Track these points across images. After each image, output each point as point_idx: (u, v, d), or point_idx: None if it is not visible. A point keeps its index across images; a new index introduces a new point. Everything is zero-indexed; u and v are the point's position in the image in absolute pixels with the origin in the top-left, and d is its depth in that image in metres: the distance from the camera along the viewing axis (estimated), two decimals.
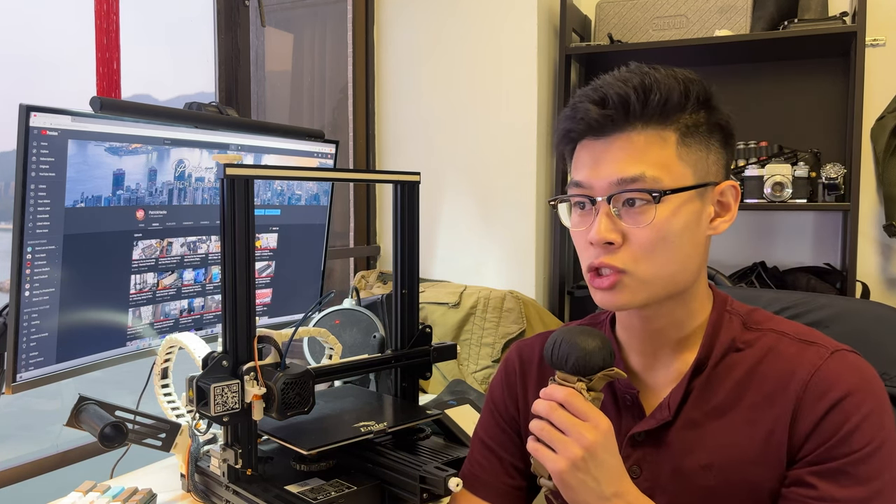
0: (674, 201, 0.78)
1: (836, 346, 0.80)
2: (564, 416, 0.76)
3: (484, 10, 2.30)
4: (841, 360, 0.79)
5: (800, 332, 0.83)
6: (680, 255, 0.80)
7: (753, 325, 0.85)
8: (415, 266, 1.21)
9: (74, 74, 1.81)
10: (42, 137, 1.06)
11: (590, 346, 0.78)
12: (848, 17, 2.03)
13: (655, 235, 0.78)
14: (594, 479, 0.75)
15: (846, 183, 2.01)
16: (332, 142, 1.61)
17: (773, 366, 0.81)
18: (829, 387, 0.76)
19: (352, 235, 2.46)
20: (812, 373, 0.77)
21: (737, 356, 0.83)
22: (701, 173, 0.80)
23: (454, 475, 0.98)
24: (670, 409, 0.83)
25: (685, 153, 0.79)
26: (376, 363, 1.19)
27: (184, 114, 1.31)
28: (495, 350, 2.01)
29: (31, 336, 1.09)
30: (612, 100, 0.79)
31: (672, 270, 0.80)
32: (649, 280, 0.79)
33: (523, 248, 2.29)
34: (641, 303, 0.81)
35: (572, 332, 0.80)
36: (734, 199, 0.83)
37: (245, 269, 0.97)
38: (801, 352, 0.80)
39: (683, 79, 0.80)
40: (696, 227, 0.80)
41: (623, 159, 0.79)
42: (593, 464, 0.75)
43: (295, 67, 2.69)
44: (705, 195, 0.81)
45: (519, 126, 2.27)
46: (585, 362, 0.78)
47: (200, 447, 1.08)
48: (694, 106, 0.80)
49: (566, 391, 0.77)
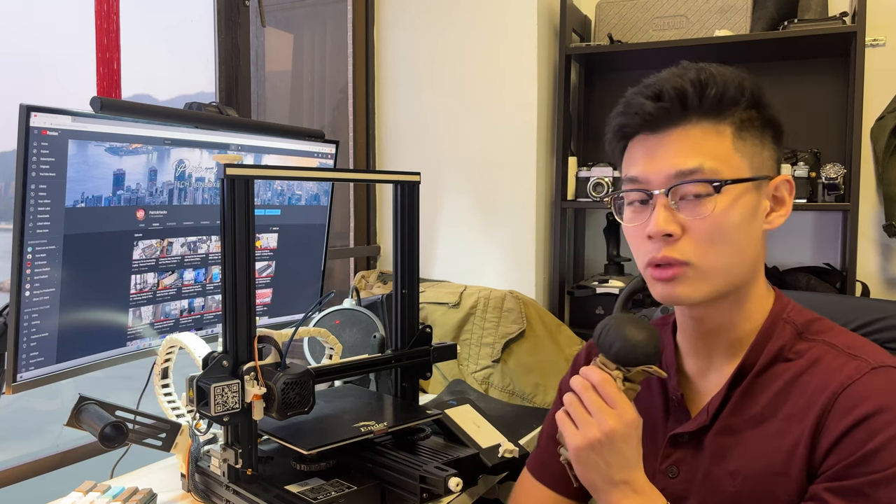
0: (732, 192, 0.78)
1: (880, 361, 0.76)
2: (594, 398, 0.78)
3: (484, 11, 2.30)
4: (881, 375, 0.75)
5: (851, 345, 0.79)
6: (738, 248, 0.79)
7: (809, 334, 0.82)
8: (415, 266, 1.21)
9: (75, 74, 1.81)
10: (42, 137, 1.06)
11: (636, 338, 0.78)
12: (848, 17, 2.03)
13: (716, 226, 0.78)
14: (606, 463, 0.78)
15: (846, 183, 2.01)
16: (332, 142, 1.61)
17: (814, 378, 0.78)
18: (857, 402, 0.73)
19: (352, 235, 2.46)
20: (844, 387, 0.75)
21: (784, 366, 0.81)
22: (757, 166, 0.80)
23: (454, 475, 0.98)
24: (709, 413, 0.83)
25: (741, 146, 0.80)
26: (376, 363, 1.19)
27: (184, 114, 1.31)
28: (495, 350, 2.01)
29: (31, 336, 1.09)
30: (669, 93, 0.79)
31: (731, 262, 0.79)
32: (710, 272, 0.79)
33: (523, 248, 2.29)
34: (703, 296, 0.80)
35: (625, 319, 0.80)
36: (789, 194, 0.83)
37: (245, 269, 0.97)
38: (842, 365, 0.77)
39: (737, 74, 0.80)
40: (752, 219, 0.80)
41: (681, 152, 0.79)
42: (609, 449, 0.77)
43: (295, 67, 2.69)
44: (761, 188, 0.81)
45: (519, 126, 2.27)
46: (628, 352, 0.78)
47: (200, 447, 1.08)
48: (748, 101, 0.80)
49: (602, 375, 0.79)
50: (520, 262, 2.29)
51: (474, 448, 1.16)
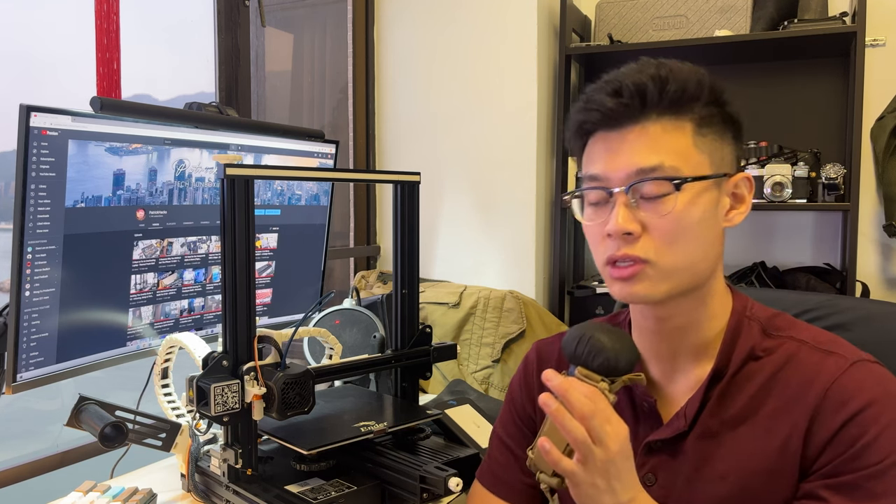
0: (693, 190, 0.77)
1: (856, 356, 0.78)
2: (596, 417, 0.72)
3: (484, 11, 2.30)
4: (861, 370, 0.76)
5: (819, 341, 0.80)
6: (699, 246, 0.78)
7: (774, 331, 0.82)
8: (415, 266, 1.21)
9: (75, 74, 1.81)
10: (42, 137, 1.06)
11: (619, 347, 0.76)
12: (848, 17, 2.03)
13: (676, 224, 0.77)
14: (611, 489, 0.73)
15: (846, 183, 2.01)
16: (332, 142, 1.61)
17: (793, 375, 0.79)
18: (848, 397, 0.74)
19: (352, 235, 2.46)
20: (831, 382, 0.75)
21: (755, 365, 0.81)
22: (717, 163, 0.79)
23: (454, 475, 0.98)
24: (686, 418, 0.81)
25: (701, 143, 0.79)
26: (376, 363, 1.19)
27: (184, 114, 1.31)
28: (495, 350, 2.01)
29: (31, 336, 1.09)
30: (629, 89, 0.77)
31: (692, 260, 0.78)
32: (671, 271, 0.78)
33: (523, 248, 2.29)
34: (662, 295, 0.78)
35: (600, 328, 0.77)
36: (748, 191, 0.82)
37: (245, 269, 0.97)
38: (821, 361, 0.78)
39: (697, 70, 0.80)
40: (713, 217, 0.79)
41: (640, 149, 0.77)
42: (614, 472, 0.73)
43: (295, 67, 2.69)
44: (721, 186, 0.80)
45: (519, 126, 2.27)
46: (615, 363, 0.75)
47: (200, 447, 1.08)
48: (708, 97, 0.79)
49: (590, 390, 0.74)
50: (520, 262, 2.29)
51: (474, 448, 1.16)
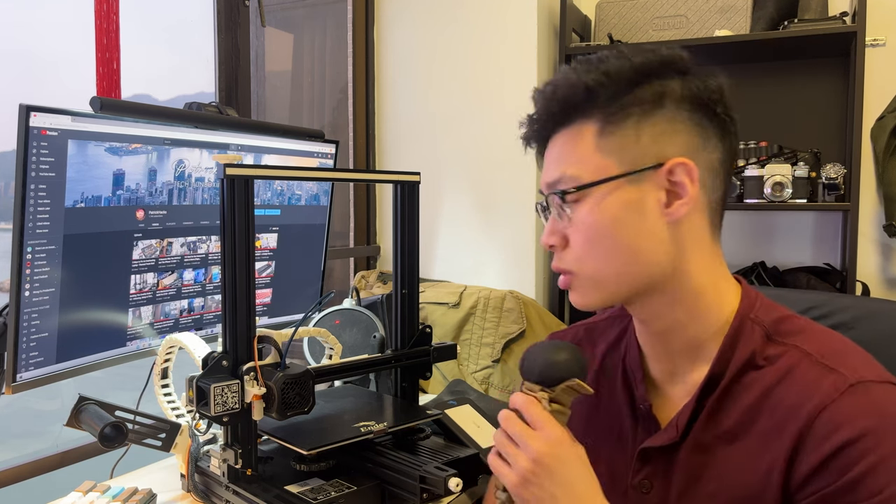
0: (595, 195, 0.75)
1: (858, 376, 0.69)
2: (517, 425, 0.74)
3: (484, 11, 2.30)
4: (860, 394, 0.68)
5: (825, 353, 0.72)
6: (622, 250, 0.75)
7: (779, 337, 0.75)
8: (415, 266, 1.21)
9: (74, 74, 1.81)
10: (42, 137, 1.06)
11: (556, 358, 0.76)
12: (848, 17, 2.03)
13: (586, 233, 0.76)
14: (551, 496, 0.71)
15: (846, 183, 2.01)
16: (332, 142, 1.61)
17: (787, 393, 0.72)
18: (836, 427, 0.67)
19: (352, 235, 2.46)
20: (820, 409, 0.68)
21: (755, 374, 0.74)
22: (629, 160, 0.74)
23: (454, 475, 0.98)
24: (678, 428, 0.77)
25: (605, 143, 0.75)
26: (376, 363, 1.19)
27: (184, 114, 1.31)
28: (495, 350, 2.00)
29: (31, 336, 1.09)
30: (534, 114, 0.81)
31: (616, 266, 0.75)
32: (595, 279, 0.77)
33: (523, 248, 2.29)
34: (598, 303, 0.79)
35: (547, 344, 0.80)
36: (689, 178, 0.74)
37: (245, 269, 0.97)
38: (817, 379, 0.70)
39: (588, 71, 0.76)
40: (637, 217, 0.74)
41: (549, 165, 0.80)
42: (547, 478, 0.71)
43: (295, 67, 2.69)
44: (643, 181, 0.74)
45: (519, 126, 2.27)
46: (550, 372, 0.75)
47: (200, 447, 1.08)
48: (609, 95, 0.75)
49: (525, 399, 0.75)
50: (520, 262, 2.29)
51: (474, 448, 1.16)
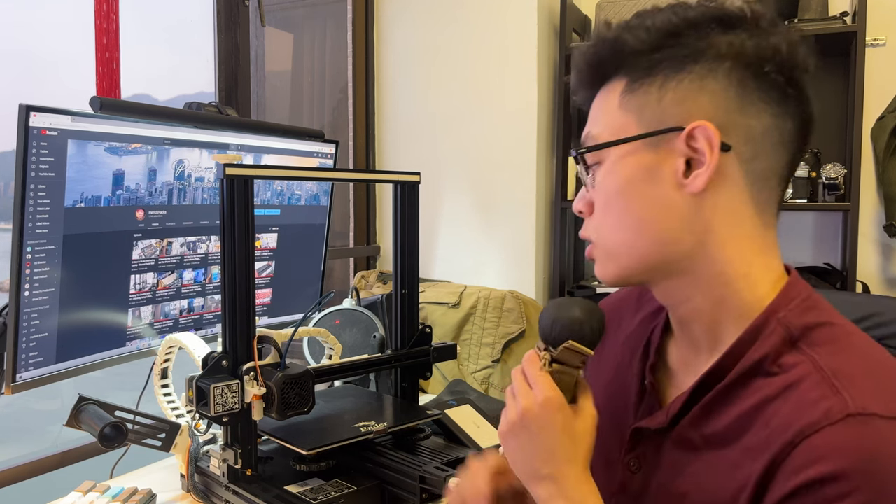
0: (611, 157, 0.69)
1: (861, 407, 0.58)
2: (517, 379, 0.73)
3: (484, 10, 2.30)
4: (851, 427, 0.58)
5: (839, 372, 0.61)
6: (634, 219, 0.68)
7: (804, 344, 0.65)
8: (415, 266, 1.21)
9: (74, 74, 1.81)
10: (42, 137, 1.05)
11: (559, 316, 0.72)
12: (848, 17, 2.03)
13: (602, 197, 0.71)
14: (525, 451, 0.71)
15: (846, 183, 2.01)
16: (332, 142, 1.61)
17: (783, 408, 0.62)
18: (814, 459, 0.57)
19: (352, 235, 2.46)
20: (806, 435, 0.59)
21: (763, 381, 0.65)
22: (648, 121, 0.67)
23: (454, 475, 0.97)
24: (668, 415, 0.72)
25: (628, 101, 0.68)
26: (376, 363, 1.19)
27: (184, 114, 1.31)
28: (495, 350, 2.00)
29: (30, 336, 1.08)
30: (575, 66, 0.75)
31: (628, 237, 0.69)
32: (611, 249, 0.71)
33: (523, 248, 2.29)
34: (613, 277, 0.72)
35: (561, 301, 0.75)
36: (708, 145, 0.64)
37: (245, 269, 0.97)
38: (818, 400, 0.60)
39: (634, 25, 0.70)
40: (649, 184, 0.67)
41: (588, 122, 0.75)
42: (526, 435, 0.70)
43: (295, 67, 2.69)
44: (662, 146, 0.67)
45: (519, 126, 2.27)
46: (550, 331, 0.73)
47: (200, 447, 1.08)
48: (647, 47, 0.68)
49: (529, 356, 0.74)
50: (520, 262, 2.29)
51: (474, 448, 1.16)
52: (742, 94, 0.65)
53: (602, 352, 0.84)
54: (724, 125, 0.65)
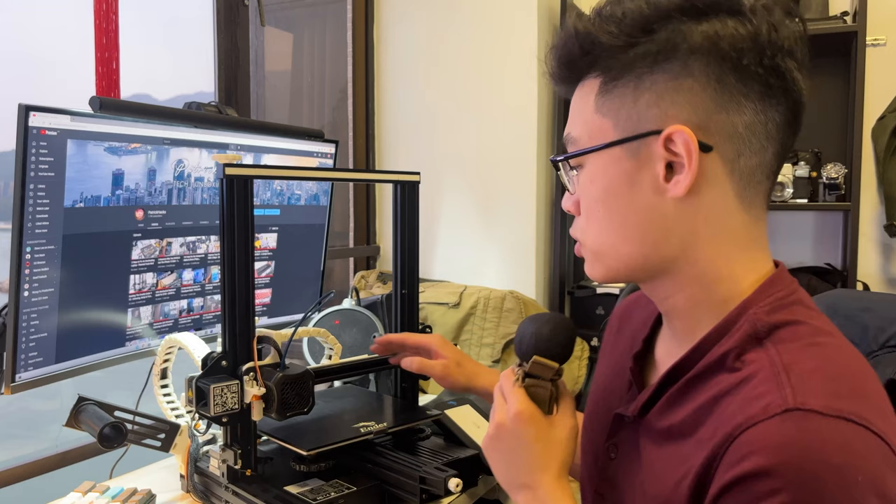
0: (591, 162, 0.68)
1: (801, 402, 0.56)
2: (496, 394, 0.79)
3: (484, 10, 2.30)
4: (788, 422, 0.55)
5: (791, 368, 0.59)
6: (618, 224, 0.67)
7: (770, 341, 0.63)
8: (415, 266, 1.21)
9: (74, 74, 1.81)
10: (41, 137, 1.05)
11: (528, 332, 0.78)
12: (848, 16, 2.03)
13: (585, 201, 0.71)
14: (505, 464, 0.76)
15: (847, 183, 2.01)
16: (332, 142, 1.60)
17: (732, 402, 0.60)
18: (749, 452, 0.55)
19: (352, 235, 2.46)
20: (742, 430, 0.57)
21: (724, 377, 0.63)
22: (624, 124, 0.64)
23: (454, 476, 0.97)
24: (638, 404, 0.71)
25: (603, 102, 0.65)
26: (376, 363, 1.19)
27: (183, 114, 1.31)
28: (495, 350, 2.00)
29: (30, 336, 1.08)
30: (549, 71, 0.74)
31: (613, 241, 0.68)
32: (598, 251, 0.71)
33: (523, 248, 2.29)
34: (602, 276, 0.72)
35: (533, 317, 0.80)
36: (686, 150, 0.62)
37: (245, 269, 0.97)
38: (762, 395, 0.58)
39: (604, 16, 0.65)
40: (630, 191, 0.65)
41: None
42: (503, 447, 0.75)
43: (295, 67, 2.69)
44: (642, 150, 0.64)
45: (519, 126, 2.27)
46: (520, 348, 0.79)
47: (200, 447, 1.08)
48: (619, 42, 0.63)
49: (505, 372, 0.79)
50: (520, 262, 2.29)
51: (474, 448, 1.16)
52: (721, 90, 0.62)
53: (612, 347, 0.88)
54: (704, 125, 0.62)
